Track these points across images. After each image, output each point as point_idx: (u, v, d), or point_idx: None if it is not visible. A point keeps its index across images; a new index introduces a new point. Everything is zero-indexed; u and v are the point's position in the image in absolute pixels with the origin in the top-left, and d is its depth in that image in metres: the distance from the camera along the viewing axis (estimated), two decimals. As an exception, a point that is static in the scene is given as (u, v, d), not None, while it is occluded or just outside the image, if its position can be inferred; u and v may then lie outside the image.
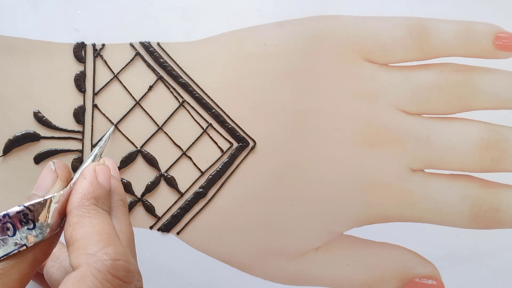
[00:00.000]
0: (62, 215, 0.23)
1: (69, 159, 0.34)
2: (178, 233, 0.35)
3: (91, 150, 0.34)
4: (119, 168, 0.34)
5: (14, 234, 0.22)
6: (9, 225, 0.22)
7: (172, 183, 0.35)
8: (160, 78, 0.34)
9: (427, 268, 0.35)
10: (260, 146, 0.35)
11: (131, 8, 0.34)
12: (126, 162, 0.34)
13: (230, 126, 0.35)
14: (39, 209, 0.23)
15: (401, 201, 0.35)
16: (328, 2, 0.34)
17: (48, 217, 0.23)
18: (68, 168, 0.25)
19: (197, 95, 0.34)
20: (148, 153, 0.34)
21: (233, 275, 0.35)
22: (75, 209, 0.23)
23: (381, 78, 0.34)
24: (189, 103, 0.35)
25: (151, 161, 0.34)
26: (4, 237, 0.22)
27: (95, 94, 0.34)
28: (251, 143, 0.35)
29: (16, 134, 0.34)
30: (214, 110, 0.34)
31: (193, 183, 0.35)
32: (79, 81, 0.34)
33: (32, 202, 0.22)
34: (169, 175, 0.35)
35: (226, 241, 0.35)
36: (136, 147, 0.34)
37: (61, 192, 0.24)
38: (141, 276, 0.24)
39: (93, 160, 0.28)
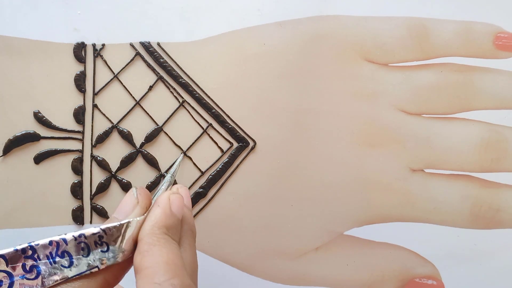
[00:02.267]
0: (136, 241, 0.23)
1: (69, 159, 0.34)
2: (178, 233, 0.35)
3: (91, 151, 0.34)
4: (119, 168, 0.34)
5: (88, 255, 0.22)
6: (83, 245, 0.22)
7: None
8: (160, 78, 0.34)
9: (427, 268, 0.35)
10: (260, 146, 0.35)
11: (131, 8, 0.34)
12: (126, 162, 0.34)
13: (230, 126, 0.35)
14: (114, 233, 0.23)
15: (401, 201, 0.35)
16: (328, 2, 0.34)
17: (122, 242, 0.23)
18: (149, 196, 0.25)
19: (197, 95, 0.34)
20: (148, 153, 0.34)
21: (233, 275, 0.35)
22: (146, 237, 0.23)
23: (381, 78, 0.34)
24: (189, 103, 0.35)
25: (151, 161, 0.34)
26: (78, 256, 0.22)
27: (95, 94, 0.34)
28: (251, 143, 0.35)
29: (16, 134, 0.34)
30: (214, 110, 0.34)
31: (193, 183, 0.35)
32: (79, 81, 0.34)
33: (108, 225, 0.23)
34: (169, 175, 0.35)
35: (226, 241, 0.35)
36: (136, 147, 0.34)
37: (137, 218, 0.24)
38: None
39: (166, 188, 0.28)
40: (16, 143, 0.34)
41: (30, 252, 0.22)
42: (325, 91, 0.34)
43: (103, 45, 0.34)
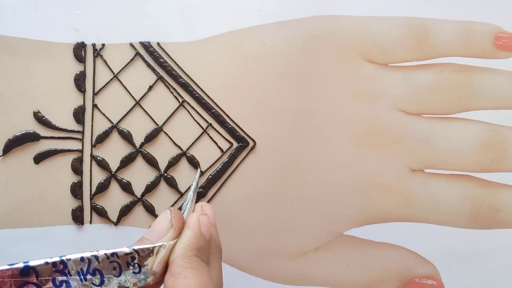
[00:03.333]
0: (167, 264, 0.23)
1: (69, 159, 0.34)
2: (178, 233, 0.35)
3: (91, 150, 0.34)
4: (119, 168, 0.34)
5: (119, 275, 0.22)
6: (116, 264, 0.22)
7: (172, 183, 0.35)
8: (160, 78, 0.34)
9: (427, 268, 0.35)
10: (260, 146, 0.35)
11: (131, 8, 0.34)
12: (126, 162, 0.34)
13: (230, 126, 0.35)
14: (147, 255, 0.23)
15: (401, 201, 0.35)
16: (328, 2, 0.34)
17: (153, 264, 0.23)
18: (182, 219, 0.25)
19: (197, 95, 0.34)
20: (148, 153, 0.34)
21: (233, 275, 0.35)
22: (178, 259, 0.23)
23: (381, 78, 0.34)
24: (189, 103, 0.35)
25: (151, 161, 0.34)
26: (109, 276, 0.22)
27: (95, 94, 0.34)
28: (251, 143, 0.35)
29: (16, 134, 0.34)
30: (214, 110, 0.34)
31: (193, 183, 0.35)
32: (79, 81, 0.34)
33: (142, 247, 0.23)
34: (169, 175, 0.35)
35: (226, 241, 0.35)
36: (136, 147, 0.34)
37: (171, 242, 0.24)
38: None
39: (191, 206, 0.28)
40: (16, 143, 0.34)
41: (61, 267, 0.21)
42: (325, 91, 0.34)
43: (103, 45, 0.34)
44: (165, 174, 0.35)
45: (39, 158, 0.34)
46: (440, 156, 0.35)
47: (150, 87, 0.34)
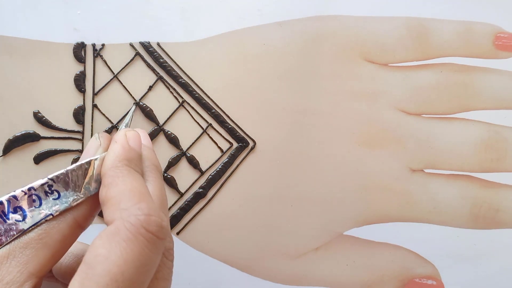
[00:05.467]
0: (98, 180, 0.24)
1: (69, 159, 0.34)
2: (178, 233, 0.35)
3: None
4: (119, 168, 0.34)
5: (40, 206, 0.23)
6: (35, 197, 0.23)
7: (172, 183, 0.35)
8: (160, 78, 0.34)
9: (427, 268, 0.35)
10: (260, 146, 0.35)
11: (131, 8, 0.34)
12: (126, 162, 0.34)
13: (230, 126, 0.35)
14: (63, 179, 0.23)
15: (401, 201, 0.35)
16: (328, 2, 0.34)
17: (74, 185, 0.23)
18: (110, 138, 0.26)
19: (197, 95, 0.34)
20: (148, 153, 0.34)
21: (233, 275, 0.35)
22: (109, 171, 0.23)
23: (381, 78, 0.34)
24: (189, 103, 0.35)
25: (151, 161, 0.34)
26: (31, 208, 0.23)
27: (95, 94, 0.34)
28: (251, 143, 0.35)
29: (16, 134, 0.34)
30: (214, 110, 0.34)
31: (193, 183, 0.35)
32: (79, 81, 0.34)
33: (56, 174, 0.23)
34: (169, 175, 0.35)
35: (226, 241, 0.35)
36: (136, 147, 0.34)
37: (98, 156, 0.24)
38: (172, 239, 0.24)
39: None
40: (16, 143, 0.34)
41: None
42: (325, 91, 0.34)
43: (103, 45, 0.34)
44: (165, 174, 0.35)
45: (39, 158, 0.34)
46: (440, 156, 0.35)
47: (150, 87, 0.34)
